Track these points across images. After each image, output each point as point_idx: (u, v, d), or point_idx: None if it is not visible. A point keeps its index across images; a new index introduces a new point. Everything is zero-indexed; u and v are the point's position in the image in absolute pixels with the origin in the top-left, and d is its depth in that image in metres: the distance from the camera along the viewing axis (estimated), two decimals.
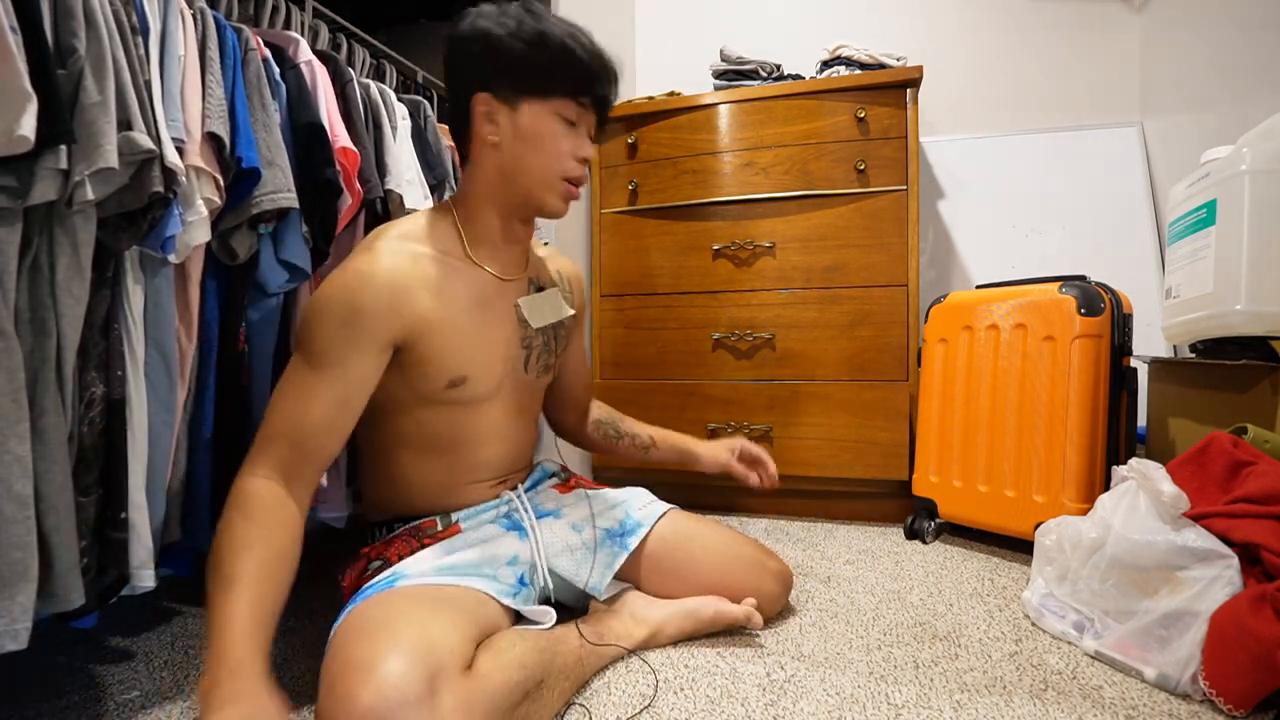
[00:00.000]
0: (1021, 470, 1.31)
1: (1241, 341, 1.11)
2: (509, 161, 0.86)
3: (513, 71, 0.82)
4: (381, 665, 0.62)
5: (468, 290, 0.86)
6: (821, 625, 1.03)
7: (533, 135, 0.84)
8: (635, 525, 1.01)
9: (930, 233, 2.03)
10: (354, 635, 0.68)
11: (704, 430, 1.68)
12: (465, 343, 0.85)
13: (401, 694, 0.60)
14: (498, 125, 0.84)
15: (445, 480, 0.92)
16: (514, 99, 0.84)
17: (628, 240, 1.80)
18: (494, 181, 0.88)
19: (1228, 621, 0.77)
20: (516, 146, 0.85)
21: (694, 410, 1.70)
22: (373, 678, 0.61)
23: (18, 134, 0.62)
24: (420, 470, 0.91)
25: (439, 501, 0.92)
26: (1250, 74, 1.48)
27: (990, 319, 1.40)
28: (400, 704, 0.60)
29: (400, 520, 0.92)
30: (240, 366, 0.94)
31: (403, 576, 0.79)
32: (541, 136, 0.84)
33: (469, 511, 0.93)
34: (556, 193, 0.88)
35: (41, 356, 0.68)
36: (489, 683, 0.68)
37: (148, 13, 0.79)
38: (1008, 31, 2.03)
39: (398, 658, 0.63)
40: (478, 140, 0.86)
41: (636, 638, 0.92)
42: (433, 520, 0.91)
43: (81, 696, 0.85)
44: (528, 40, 0.81)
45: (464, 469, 0.93)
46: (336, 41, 1.29)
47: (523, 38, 0.81)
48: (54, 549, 0.68)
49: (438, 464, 0.91)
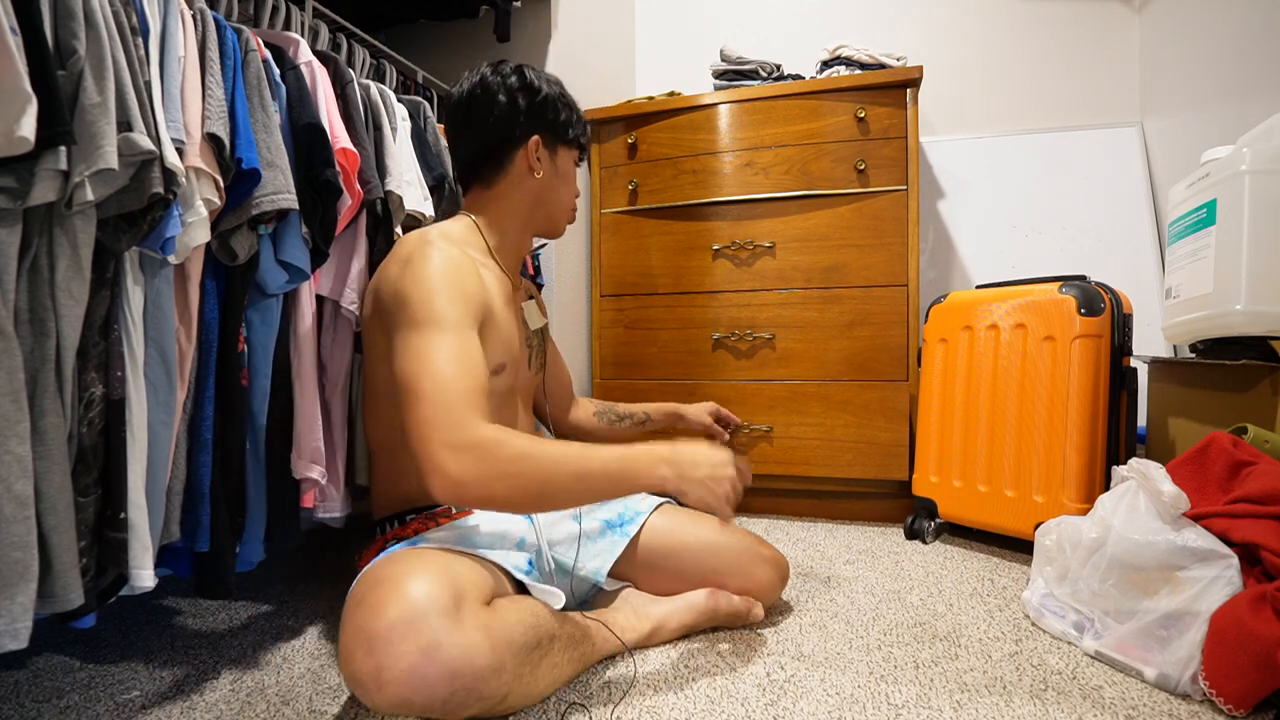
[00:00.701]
0: (1021, 470, 1.31)
1: (1241, 341, 1.11)
2: (545, 192, 1.05)
3: (557, 124, 1.03)
4: (411, 580, 0.68)
5: (499, 289, 0.98)
6: (821, 625, 1.03)
7: (565, 174, 1.07)
8: (635, 514, 1.03)
9: (930, 233, 2.03)
10: (384, 564, 0.74)
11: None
12: (505, 334, 0.96)
13: (430, 603, 0.66)
14: (542, 164, 1.03)
15: None
16: (554, 145, 1.04)
17: (628, 240, 1.80)
18: (527, 204, 1.04)
19: (1228, 621, 0.77)
20: (553, 181, 1.05)
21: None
22: (402, 589, 0.67)
23: (17, 135, 0.62)
24: None
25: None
26: (1250, 74, 1.48)
27: (990, 319, 1.40)
28: (429, 612, 0.65)
29: (412, 512, 0.94)
30: (240, 367, 0.94)
31: (425, 540, 0.85)
32: (567, 176, 1.08)
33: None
34: (568, 219, 1.11)
35: (41, 357, 0.68)
36: (507, 617, 0.72)
37: (148, 13, 0.79)
38: (1008, 31, 2.03)
39: (425, 577, 0.69)
40: (520, 171, 1.02)
41: (640, 631, 0.93)
42: (446, 508, 0.94)
43: (81, 696, 0.85)
44: (565, 100, 1.05)
45: None
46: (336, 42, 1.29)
47: (562, 96, 1.04)
48: (53, 549, 0.68)
49: None
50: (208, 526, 0.89)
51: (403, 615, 0.64)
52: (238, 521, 0.94)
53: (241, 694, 0.85)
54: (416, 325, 0.82)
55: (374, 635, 0.64)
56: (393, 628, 0.64)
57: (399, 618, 0.64)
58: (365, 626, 0.65)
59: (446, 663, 0.64)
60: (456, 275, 0.87)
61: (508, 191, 1.03)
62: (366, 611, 0.66)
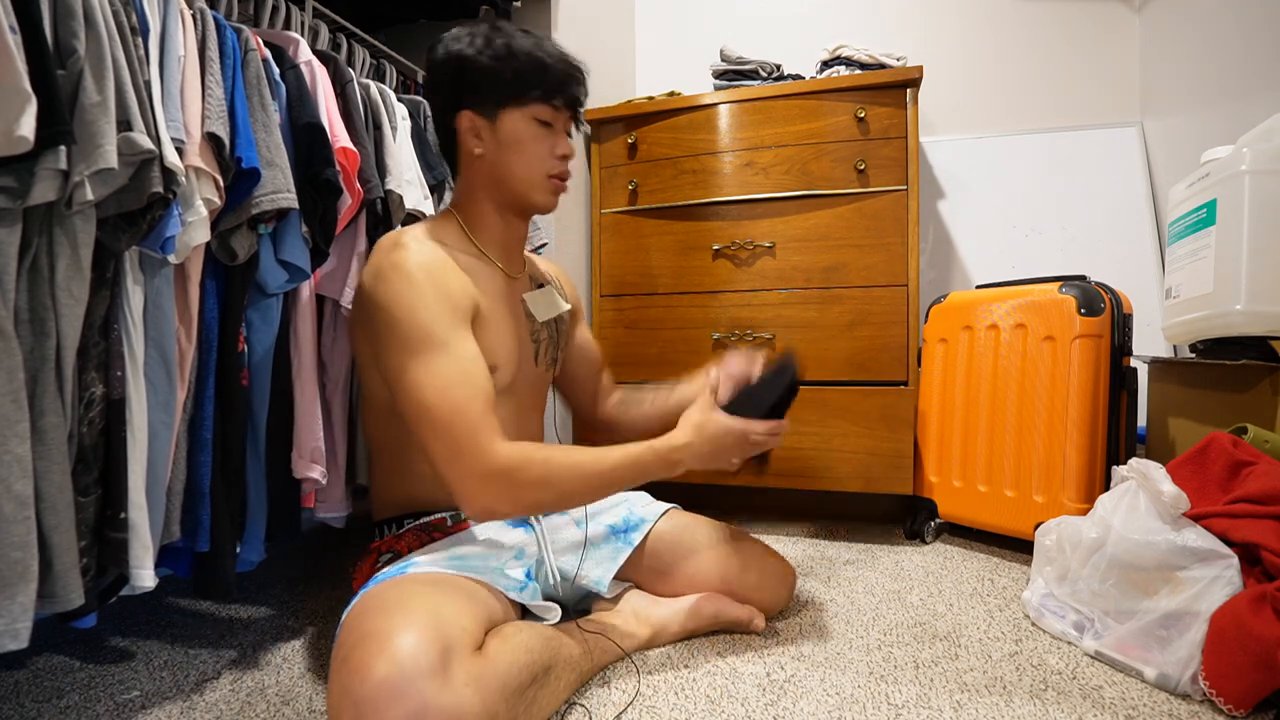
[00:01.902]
0: (1021, 470, 1.31)
1: (1241, 341, 1.11)
2: (497, 168, 0.93)
3: (487, 86, 0.90)
4: (396, 638, 0.64)
5: (489, 283, 0.93)
6: (821, 625, 1.03)
7: (513, 142, 0.92)
8: (639, 521, 1.02)
9: (930, 233, 2.03)
10: (369, 612, 0.70)
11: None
12: (497, 331, 0.91)
13: (416, 664, 0.62)
14: (481, 139, 0.92)
15: None
16: (492, 112, 0.91)
17: (628, 240, 1.80)
18: (487, 187, 0.95)
19: (1228, 621, 0.77)
20: (500, 154, 0.92)
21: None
22: (387, 649, 0.63)
23: (17, 134, 0.62)
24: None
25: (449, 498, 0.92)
26: (1250, 74, 1.48)
27: (990, 319, 1.40)
28: (415, 674, 0.61)
29: (410, 517, 0.93)
30: (240, 366, 0.94)
31: (414, 564, 0.81)
32: (522, 141, 0.92)
33: None
34: (544, 189, 0.95)
35: (41, 357, 0.68)
36: (499, 662, 0.69)
37: (147, 13, 0.79)
38: (1008, 31, 2.03)
39: (412, 631, 0.65)
40: (465, 154, 0.94)
41: (640, 637, 0.93)
42: (443, 518, 0.92)
43: (81, 696, 0.85)
44: (497, 55, 0.89)
45: None
46: (336, 41, 1.28)
47: (492, 53, 0.89)
48: (53, 549, 0.68)
49: None
50: (208, 526, 0.89)
51: (388, 678, 0.61)
52: (238, 521, 0.94)
53: (241, 694, 0.85)
54: (411, 349, 0.80)
55: (360, 700, 0.61)
56: (379, 693, 0.60)
57: (385, 681, 0.61)
58: (351, 690, 0.62)
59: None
60: (433, 278, 0.84)
61: (467, 175, 0.96)
62: (351, 673, 0.63)
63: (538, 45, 0.91)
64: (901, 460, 1.47)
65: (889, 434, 1.48)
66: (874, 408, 1.50)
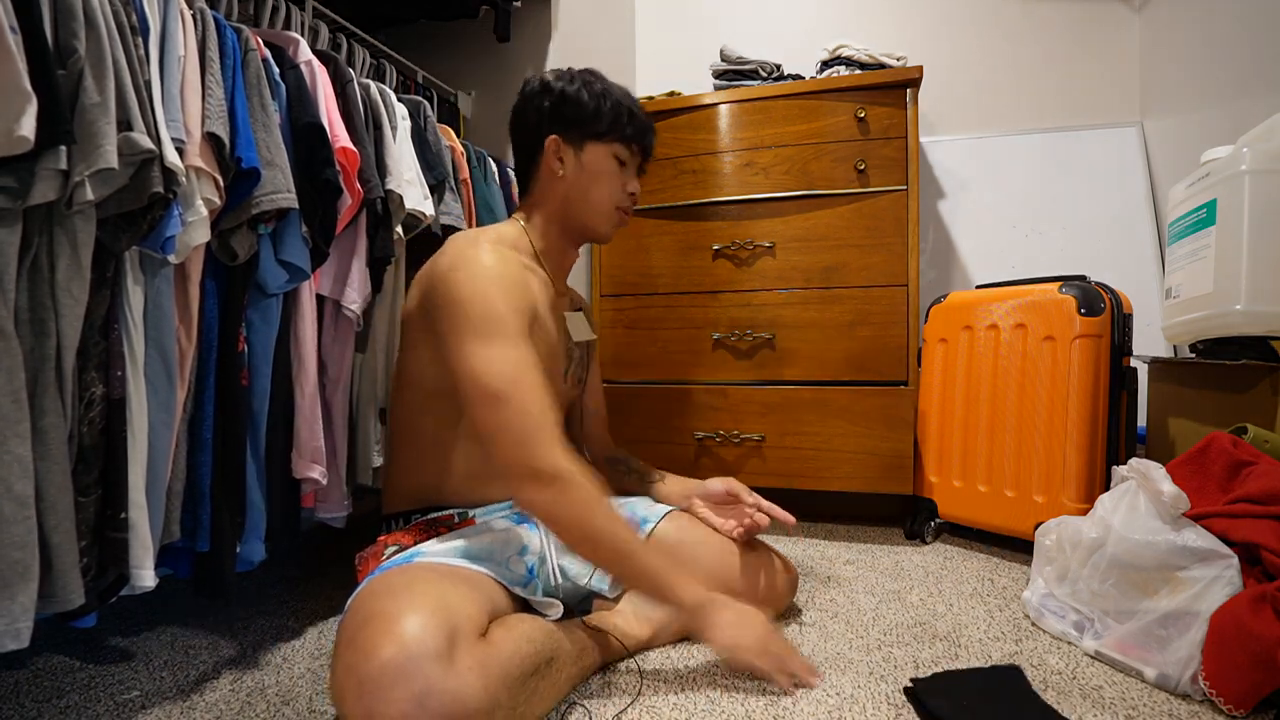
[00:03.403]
0: (1021, 470, 1.31)
1: (1241, 341, 1.11)
2: (574, 190, 1.03)
3: (582, 119, 1.01)
4: (403, 620, 0.65)
5: (543, 294, 0.99)
6: (821, 625, 1.03)
7: (593, 170, 1.02)
8: (642, 521, 1.03)
9: (930, 233, 2.03)
10: (376, 595, 0.72)
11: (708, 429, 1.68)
12: (545, 340, 0.97)
13: (422, 647, 0.63)
14: (564, 162, 1.02)
15: (479, 470, 0.95)
16: (579, 142, 1.02)
17: (628, 240, 1.80)
18: (560, 208, 1.04)
19: (1228, 621, 0.77)
20: (580, 178, 1.02)
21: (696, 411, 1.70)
22: (394, 630, 0.64)
23: (17, 134, 0.62)
24: (459, 456, 0.95)
25: (465, 492, 0.96)
26: (1250, 74, 1.48)
27: (990, 319, 1.40)
28: (420, 656, 0.62)
29: (419, 512, 0.95)
30: (240, 366, 0.94)
31: (422, 553, 0.83)
32: (601, 172, 1.03)
33: (485, 510, 0.96)
34: (609, 220, 1.06)
35: (41, 356, 0.68)
36: (503, 650, 0.70)
37: (148, 13, 0.79)
38: (1008, 31, 2.03)
39: (419, 615, 0.66)
40: (547, 173, 1.03)
41: (641, 636, 0.93)
42: (450, 514, 0.93)
43: (81, 696, 0.85)
44: (594, 95, 1.01)
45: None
46: (336, 41, 1.29)
47: (590, 93, 1.01)
48: (54, 549, 0.68)
49: (477, 451, 0.94)
50: (208, 526, 0.89)
51: (394, 659, 0.62)
52: (238, 521, 0.94)
53: (241, 694, 0.85)
54: (481, 333, 0.84)
55: (365, 678, 0.62)
56: (384, 672, 0.61)
57: (391, 661, 0.62)
58: (356, 668, 0.63)
59: (439, 710, 0.61)
60: (508, 277, 0.90)
61: (542, 194, 1.04)
62: (357, 652, 0.64)
63: (627, 95, 1.04)
64: (901, 460, 1.48)
65: (889, 434, 1.49)
66: (874, 408, 1.51)
